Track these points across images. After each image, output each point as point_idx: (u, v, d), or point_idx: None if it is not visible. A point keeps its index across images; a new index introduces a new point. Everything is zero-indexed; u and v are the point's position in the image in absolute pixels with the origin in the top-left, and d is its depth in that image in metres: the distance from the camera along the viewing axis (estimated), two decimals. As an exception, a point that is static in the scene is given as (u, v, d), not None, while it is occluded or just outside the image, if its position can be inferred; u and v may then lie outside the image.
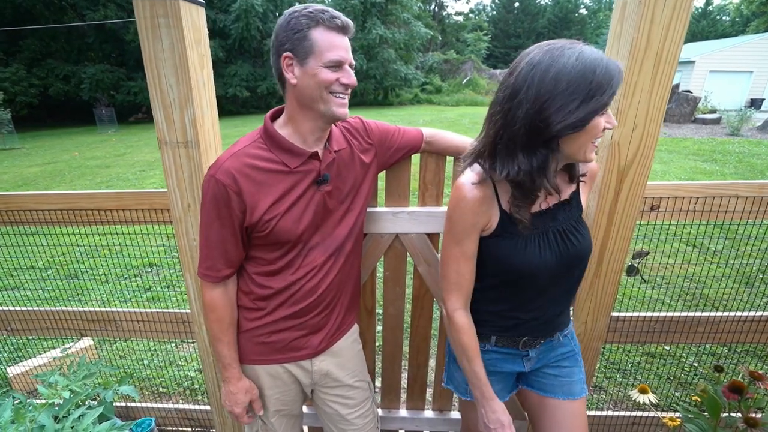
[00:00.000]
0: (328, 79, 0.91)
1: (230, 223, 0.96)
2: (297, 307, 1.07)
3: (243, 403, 1.10)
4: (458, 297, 1.00)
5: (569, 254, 0.94)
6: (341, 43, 0.91)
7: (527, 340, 1.05)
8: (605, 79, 0.76)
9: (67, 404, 1.09)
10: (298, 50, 0.90)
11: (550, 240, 0.94)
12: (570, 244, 0.94)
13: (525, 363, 1.10)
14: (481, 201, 0.91)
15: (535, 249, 0.92)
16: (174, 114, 1.16)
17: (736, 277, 3.15)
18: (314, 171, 1.01)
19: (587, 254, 0.97)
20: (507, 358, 1.09)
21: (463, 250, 0.96)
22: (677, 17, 0.99)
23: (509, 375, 1.14)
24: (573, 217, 0.97)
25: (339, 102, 0.94)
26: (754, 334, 1.51)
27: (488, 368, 1.09)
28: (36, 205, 1.47)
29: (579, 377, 1.10)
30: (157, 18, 1.07)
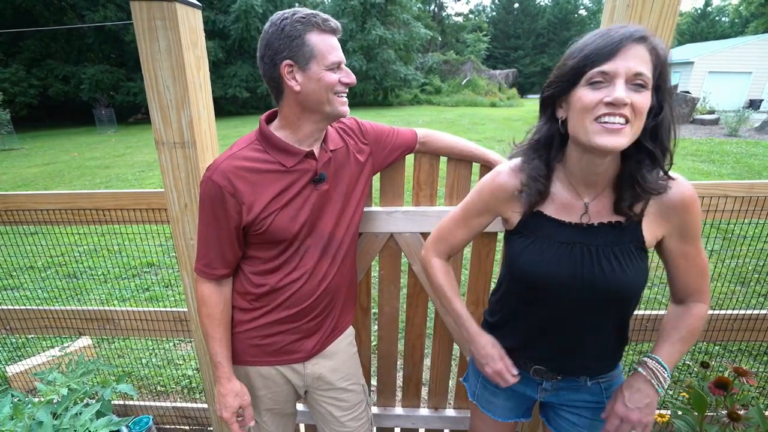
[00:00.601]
0: (333, 80, 0.93)
1: (226, 224, 0.98)
2: (293, 310, 1.08)
3: (232, 407, 1.07)
4: (441, 249, 1.01)
5: (594, 279, 0.79)
6: (336, 45, 0.95)
7: (539, 370, 0.94)
8: (589, 40, 0.71)
9: (66, 401, 1.11)
10: (298, 56, 0.90)
11: (574, 254, 0.81)
12: (599, 269, 0.79)
13: (540, 391, 0.99)
14: (503, 189, 0.88)
15: (553, 257, 0.82)
16: (171, 115, 1.18)
17: (731, 276, 3.16)
18: (311, 170, 1.02)
19: (622, 292, 0.79)
20: (521, 379, 0.99)
21: (467, 220, 0.96)
22: (664, 22, 1.01)
23: (522, 397, 1.04)
24: (619, 244, 0.80)
25: (342, 101, 0.98)
26: (745, 332, 1.53)
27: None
28: (34, 205, 1.48)
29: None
30: (154, 20, 1.09)
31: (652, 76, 0.69)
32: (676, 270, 0.84)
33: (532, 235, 0.85)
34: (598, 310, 0.82)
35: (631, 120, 0.69)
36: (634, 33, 0.68)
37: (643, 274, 0.81)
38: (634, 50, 0.67)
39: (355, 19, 22.61)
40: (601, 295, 0.80)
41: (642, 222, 0.79)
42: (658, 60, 0.69)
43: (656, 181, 0.76)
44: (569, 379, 0.93)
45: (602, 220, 0.81)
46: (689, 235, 0.81)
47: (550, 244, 0.83)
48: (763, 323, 1.51)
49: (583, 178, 0.81)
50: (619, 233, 0.80)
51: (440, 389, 1.71)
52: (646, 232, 0.80)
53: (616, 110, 0.68)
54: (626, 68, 0.67)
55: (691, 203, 0.79)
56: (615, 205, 0.79)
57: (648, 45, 0.69)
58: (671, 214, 0.79)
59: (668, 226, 0.80)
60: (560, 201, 0.84)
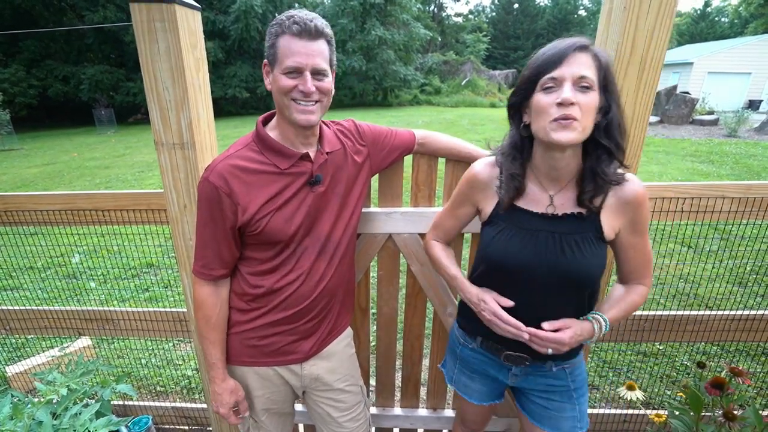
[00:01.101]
0: (286, 86, 0.92)
1: (222, 224, 0.98)
2: (290, 311, 1.08)
3: (228, 403, 1.11)
4: (437, 234, 1.16)
5: (558, 263, 0.88)
6: (302, 49, 0.90)
7: (509, 356, 1.02)
8: (540, 53, 0.83)
9: (65, 401, 1.11)
10: (269, 58, 0.95)
11: (539, 241, 0.90)
12: (560, 254, 0.88)
13: (510, 377, 1.08)
14: (479, 180, 1.00)
15: (518, 244, 0.91)
16: (170, 116, 1.19)
17: (729, 277, 3.17)
18: (306, 172, 1.03)
19: (583, 275, 0.88)
20: (492, 363, 1.09)
21: (454, 210, 1.08)
22: (661, 23, 1.02)
23: (494, 380, 1.13)
24: (580, 232, 0.89)
25: (300, 108, 0.94)
26: (743, 332, 1.54)
27: (473, 366, 1.14)
28: (34, 206, 1.49)
29: (570, 414, 1.03)
30: (153, 22, 1.10)
31: (597, 78, 0.80)
32: (627, 259, 0.96)
33: (502, 223, 0.95)
34: (560, 293, 0.91)
35: (579, 117, 0.79)
36: (576, 43, 0.80)
37: (601, 260, 0.90)
38: (578, 58, 0.79)
39: (355, 20, 22.60)
40: (562, 278, 0.89)
41: (601, 214, 0.89)
42: (600, 64, 0.80)
43: (614, 173, 0.86)
44: (536, 364, 1.02)
45: (566, 211, 0.91)
46: (639, 229, 0.91)
47: (518, 232, 0.92)
48: (761, 324, 1.52)
49: (547, 173, 0.91)
50: (580, 223, 0.90)
51: (439, 390, 1.71)
52: (604, 224, 0.89)
53: (565, 109, 0.78)
54: (571, 73, 0.78)
55: (643, 200, 0.89)
56: (578, 198, 0.89)
57: (590, 52, 0.80)
58: (626, 209, 0.89)
59: (623, 220, 0.90)
60: (529, 194, 0.94)
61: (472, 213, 1.06)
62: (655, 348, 2.46)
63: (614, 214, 0.90)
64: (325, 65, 0.94)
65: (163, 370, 2.39)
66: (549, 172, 0.90)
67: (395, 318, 1.60)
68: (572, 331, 0.90)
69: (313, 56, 0.91)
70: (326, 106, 1.00)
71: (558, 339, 0.90)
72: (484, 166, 1.00)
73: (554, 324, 0.92)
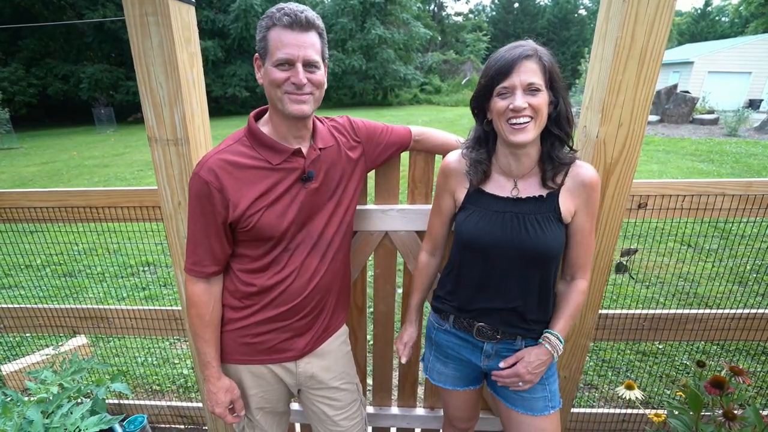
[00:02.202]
0: (277, 78, 0.91)
1: (213, 219, 0.97)
2: (283, 308, 1.07)
3: (224, 402, 1.10)
4: (427, 242, 1.24)
5: (521, 240, 0.98)
6: (293, 41, 0.89)
7: (481, 328, 1.08)
8: (492, 62, 0.94)
9: (57, 399, 1.10)
10: (261, 51, 0.94)
11: (505, 221, 1.01)
12: (524, 231, 0.98)
13: (483, 358, 1.12)
14: (451, 168, 1.10)
15: (486, 224, 1.02)
16: (164, 111, 1.17)
17: (729, 276, 3.16)
18: (299, 168, 1.01)
19: (543, 251, 0.98)
20: (465, 345, 1.14)
21: (437, 206, 1.17)
22: (661, 16, 1.00)
23: (468, 365, 1.17)
24: (541, 212, 1.00)
25: (293, 98, 0.93)
26: (742, 331, 1.53)
27: (447, 351, 1.19)
28: (28, 203, 1.47)
29: (542, 395, 1.09)
30: (146, 16, 1.08)
31: (543, 80, 0.91)
32: (572, 243, 1.05)
33: (472, 207, 1.06)
34: (523, 266, 1.01)
35: (534, 117, 0.92)
36: (523, 53, 0.90)
37: (560, 238, 1.00)
38: (525, 66, 0.90)
39: (355, 19, 22.57)
40: (525, 253, 0.99)
41: (559, 196, 1.00)
42: (544, 67, 0.91)
43: (566, 155, 1.00)
44: (506, 341, 1.09)
45: (528, 194, 1.01)
46: (591, 212, 1.02)
47: (487, 213, 1.03)
48: (761, 323, 1.51)
49: (511, 162, 1.02)
50: (541, 204, 1.00)
51: (436, 388, 1.70)
52: (562, 206, 1.00)
53: (518, 113, 0.91)
54: (520, 81, 0.90)
55: (596, 183, 1.01)
56: (542, 179, 1.00)
57: (535, 58, 0.91)
58: (580, 191, 1.00)
59: (578, 201, 1.01)
60: (495, 181, 1.05)
61: (451, 205, 1.14)
62: (655, 347, 2.45)
63: (571, 196, 1.00)
64: (317, 57, 0.93)
65: (160, 368, 2.38)
66: (512, 162, 1.02)
67: (392, 317, 1.58)
68: (525, 361, 1.03)
69: (305, 48, 0.90)
70: (319, 99, 0.99)
71: (513, 372, 1.04)
72: (455, 155, 1.11)
73: (508, 361, 1.06)
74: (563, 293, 1.09)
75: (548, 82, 0.92)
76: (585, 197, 1.00)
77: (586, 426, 1.78)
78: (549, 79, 0.92)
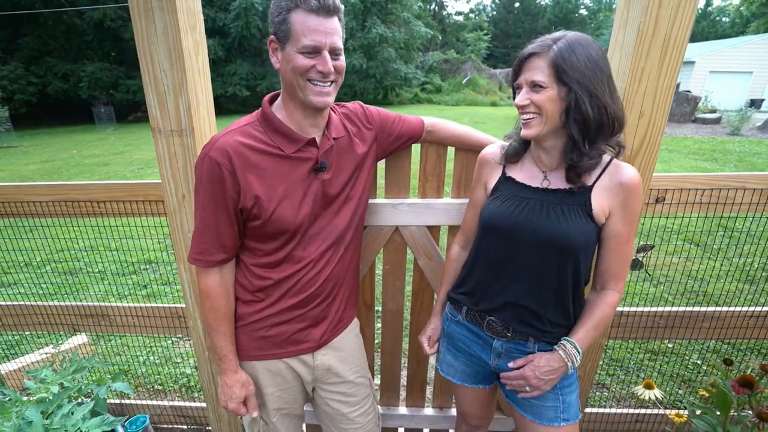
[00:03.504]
0: (303, 65, 0.86)
1: (225, 203, 0.92)
2: (297, 298, 1.03)
3: (239, 397, 1.06)
4: (460, 234, 1.23)
5: (540, 226, 0.95)
6: (320, 27, 0.84)
7: (491, 322, 1.05)
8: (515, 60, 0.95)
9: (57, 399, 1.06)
10: (279, 34, 0.87)
11: (528, 206, 0.98)
12: (546, 218, 0.95)
13: (492, 356, 1.08)
14: (487, 159, 1.11)
15: (509, 207, 1.00)
16: (168, 101, 1.13)
17: (738, 274, 3.12)
18: (312, 158, 0.97)
19: (562, 239, 0.93)
20: (476, 340, 1.11)
21: (472, 198, 1.16)
22: (687, 1, 0.96)
23: (478, 361, 1.13)
24: (568, 204, 0.95)
25: (317, 90, 0.89)
26: (760, 329, 1.49)
27: (458, 344, 1.17)
28: (28, 197, 1.44)
29: (553, 404, 1.03)
30: (150, 2, 1.04)
31: (550, 75, 0.88)
32: (606, 250, 0.98)
33: (500, 192, 1.05)
34: (540, 254, 0.96)
35: (538, 113, 0.91)
36: (531, 50, 0.91)
37: (584, 232, 0.93)
38: (531, 63, 0.91)
39: (356, 18, 22.51)
40: (544, 239, 0.95)
41: (592, 192, 0.94)
42: (550, 62, 0.88)
43: (580, 161, 0.91)
44: (518, 341, 1.03)
45: (558, 186, 0.98)
46: (629, 215, 0.95)
47: (512, 198, 1.01)
48: (780, 320, 1.47)
49: (540, 153, 1.00)
50: (570, 197, 0.96)
51: (445, 388, 1.66)
52: (594, 201, 0.94)
53: (522, 110, 0.93)
54: (525, 79, 0.92)
55: (636, 185, 0.93)
56: (566, 175, 0.96)
57: (543, 55, 0.89)
58: (617, 191, 0.93)
59: (614, 201, 0.94)
60: (527, 170, 1.04)
61: (484, 196, 1.12)
62: (665, 346, 2.41)
63: (606, 194, 0.94)
64: (341, 43, 0.89)
65: (162, 368, 2.34)
66: (541, 154, 1.00)
67: (401, 314, 1.55)
68: (533, 364, 0.98)
69: (331, 34, 0.86)
70: (340, 85, 0.95)
71: (520, 374, 0.99)
72: (492, 147, 1.13)
73: (517, 362, 1.01)
74: (591, 303, 1.02)
75: (557, 76, 0.87)
76: (622, 199, 0.93)
77: (598, 426, 1.74)
78: (557, 73, 0.87)
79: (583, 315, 1.01)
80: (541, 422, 1.04)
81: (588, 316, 0.99)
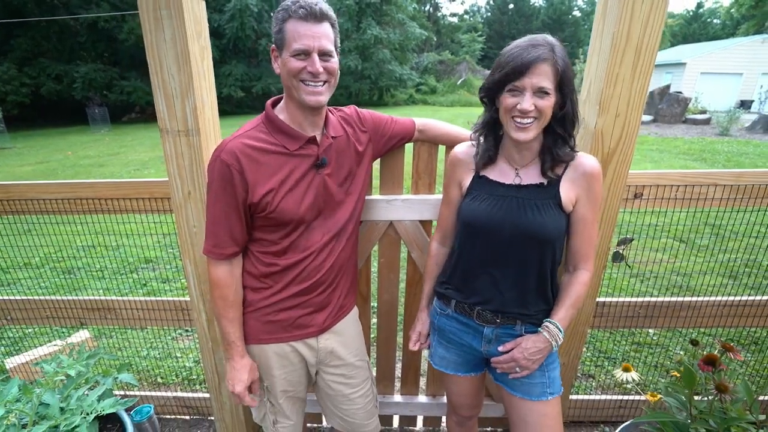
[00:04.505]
0: (295, 68, 0.96)
1: (234, 201, 1.01)
2: (302, 285, 1.12)
3: (244, 381, 1.13)
4: (437, 232, 1.28)
5: (519, 220, 1.02)
6: (308, 32, 0.93)
7: (481, 311, 1.11)
8: (508, 59, 0.94)
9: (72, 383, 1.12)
10: (277, 42, 0.98)
11: (504, 204, 1.05)
12: (523, 214, 1.02)
13: (483, 343, 1.14)
14: (459, 158, 1.15)
15: (488, 206, 1.06)
16: (175, 103, 1.20)
17: (721, 270, 3.23)
18: (313, 155, 1.05)
19: (540, 231, 1.01)
20: (466, 330, 1.16)
21: (446, 196, 1.21)
22: (656, 11, 1.05)
23: (469, 350, 1.18)
24: (541, 198, 1.03)
25: (309, 90, 0.98)
26: (733, 318, 1.58)
27: (449, 336, 1.22)
28: (36, 195, 1.49)
29: (540, 381, 1.11)
30: (159, 10, 1.11)
31: (554, 84, 0.93)
32: (575, 233, 1.07)
33: (476, 192, 1.10)
34: (520, 247, 1.04)
35: (538, 117, 0.95)
36: (540, 56, 0.91)
37: (558, 223, 1.03)
38: (539, 68, 0.91)
39: (351, 19, 22.59)
40: (524, 233, 1.02)
41: (560, 185, 1.03)
42: (557, 70, 0.92)
43: (566, 154, 1.03)
44: (506, 325, 1.11)
45: (530, 182, 1.05)
46: (592, 201, 1.04)
47: (488, 197, 1.07)
48: (752, 309, 1.57)
49: (514, 153, 1.07)
50: (542, 191, 1.04)
51: (439, 377, 1.74)
52: (563, 193, 1.03)
53: (524, 114, 0.95)
54: (531, 84, 0.92)
55: (597, 173, 1.03)
56: (541, 169, 1.04)
57: (550, 62, 0.91)
58: (581, 180, 1.03)
59: (579, 190, 1.03)
60: (499, 169, 1.09)
61: (458, 194, 1.17)
62: (649, 338, 2.50)
63: (572, 185, 1.03)
64: (331, 46, 0.98)
65: (163, 361, 2.40)
66: (515, 153, 1.07)
67: (396, 306, 1.62)
68: (522, 347, 1.06)
69: (319, 38, 0.95)
70: (333, 86, 1.03)
71: (510, 357, 1.06)
72: (463, 146, 1.16)
73: (506, 346, 1.09)
74: (565, 284, 1.11)
75: (558, 85, 0.94)
76: (586, 186, 1.03)
77: (585, 412, 1.83)
78: (560, 82, 0.94)
79: (560, 296, 1.09)
80: (530, 398, 1.11)
81: (566, 296, 1.08)
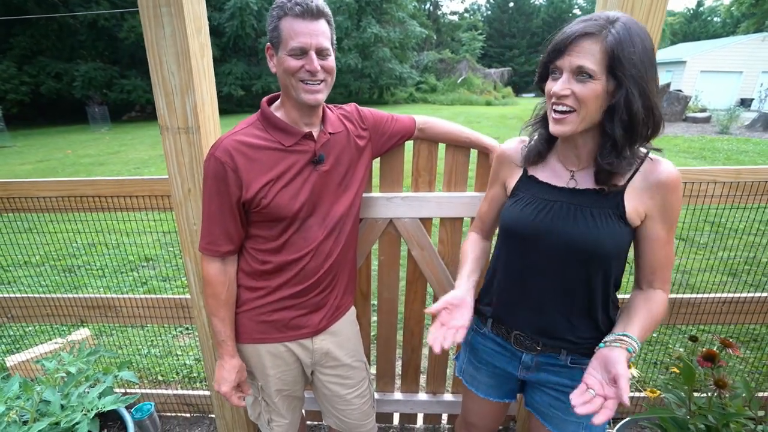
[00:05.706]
0: (292, 66, 0.95)
1: (228, 199, 1.01)
2: (299, 287, 1.11)
3: (231, 382, 1.12)
4: (476, 224, 1.16)
5: (567, 230, 0.85)
6: (305, 30, 0.92)
7: (519, 336, 0.98)
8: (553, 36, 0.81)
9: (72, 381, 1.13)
10: (273, 41, 0.97)
11: (554, 209, 0.88)
12: (572, 221, 0.85)
13: (520, 368, 1.01)
14: (506, 155, 1.03)
15: (532, 211, 0.91)
16: (175, 100, 1.20)
17: (721, 267, 3.23)
18: (309, 151, 1.05)
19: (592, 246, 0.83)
20: (502, 354, 1.04)
21: (489, 193, 1.10)
22: (656, 8, 1.05)
23: (503, 374, 1.06)
24: (600, 206, 0.85)
25: (307, 88, 0.98)
26: (733, 315, 1.59)
27: (481, 356, 1.09)
28: (37, 192, 1.50)
29: (575, 419, 0.94)
30: (159, 7, 1.11)
31: (600, 65, 0.75)
32: (649, 251, 0.88)
33: (521, 194, 0.96)
34: (568, 263, 0.86)
35: (576, 108, 0.78)
36: (583, 29, 0.75)
37: (616, 236, 0.83)
38: (581, 46, 0.75)
39: (351, 17, 22.54)
40: (571, 246, 0.85)
41: (625, 194, 0.84)
42: (606, 47, 0.74)
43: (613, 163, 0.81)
44: (548, 353, 0.95)
45: (587, 187, 0.88)
46: (668, 218, 0.85)
47: (534, 200, 0.92)
48: (751, 306, 1.57)
49: (567, 151, 0.90)
50: (600, 198, 0.86)
51: (438, 374, 1.75)
52: (627, 203, 0.84)
53: (559, 100, 0.79)
54: (570, 63, 0.76)
55: (675, 185, 0.83)
56: (595, 176, 0.86)
57: (598, 37, 0.74)
58: (655, 192, 0.83)
59: (651, 204, 0.84)
60: (551, 169, 0.94)
61: (501, 194, 1.06)
62: (650, 335, 2.51)
63: (640, 196, 0.84)
64: (328, 44, 0.97)
65: (163, 359, 2.40)
66: (569, 151, 0.90)
67: (396, 304, 1.62)
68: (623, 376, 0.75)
69: (317, 36, 0.94)
70: (330, 84, 1.03)
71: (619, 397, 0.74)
72: (512, 142, 1.03)
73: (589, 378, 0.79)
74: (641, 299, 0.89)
75: (609, 67, 0.75)
76: (659, 199, 0.83)
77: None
78: (610, 63, 0.74)
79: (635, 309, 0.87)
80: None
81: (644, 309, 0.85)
